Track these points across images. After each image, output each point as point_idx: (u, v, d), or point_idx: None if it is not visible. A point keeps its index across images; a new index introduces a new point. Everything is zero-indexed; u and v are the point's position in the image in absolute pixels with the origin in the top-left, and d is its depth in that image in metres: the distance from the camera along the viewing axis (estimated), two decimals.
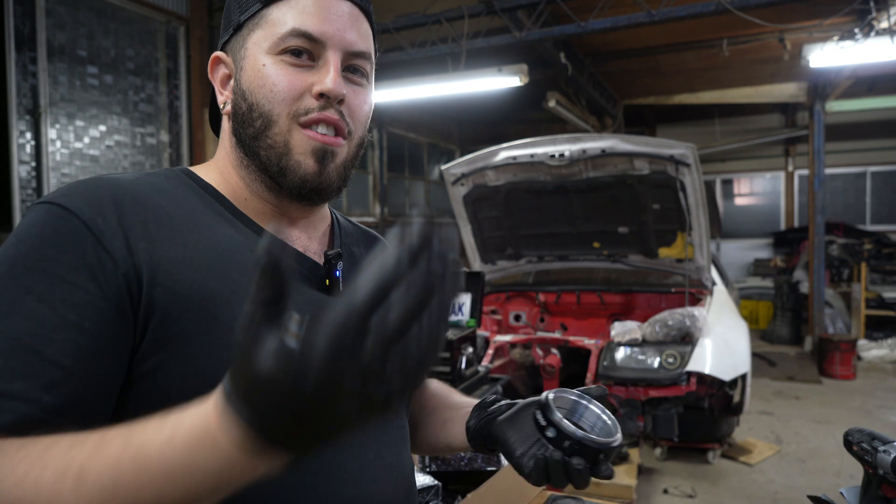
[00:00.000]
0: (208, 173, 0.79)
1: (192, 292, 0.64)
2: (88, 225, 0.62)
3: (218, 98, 0.79)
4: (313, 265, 0.78)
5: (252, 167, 0.75)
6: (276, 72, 0.72)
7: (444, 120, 10.53)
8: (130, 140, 4.69)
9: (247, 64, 0.74)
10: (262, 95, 0.72)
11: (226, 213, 0.74)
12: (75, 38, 4.26)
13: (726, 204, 10.67)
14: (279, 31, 0.71)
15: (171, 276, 0.64)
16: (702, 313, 3.67)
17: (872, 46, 4.42)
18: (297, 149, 0.72)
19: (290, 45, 0.71)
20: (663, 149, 3.72)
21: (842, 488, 1.04)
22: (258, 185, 0.76)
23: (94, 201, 0.64)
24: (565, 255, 4.69)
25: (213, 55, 0.78)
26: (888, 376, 6.25)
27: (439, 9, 5.00)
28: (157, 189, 0.71)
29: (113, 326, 0.60)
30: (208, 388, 0.58)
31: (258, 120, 0.72)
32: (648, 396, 3.42)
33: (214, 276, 0.66)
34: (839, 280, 8.07)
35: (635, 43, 6.27)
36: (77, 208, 0.63)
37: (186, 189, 0.74)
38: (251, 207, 0.77)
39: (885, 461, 0.93)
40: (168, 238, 0.66)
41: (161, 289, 0.62)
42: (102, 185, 0.67)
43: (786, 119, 9.83)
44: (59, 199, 0.64)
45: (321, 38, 0.72)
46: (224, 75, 0.78)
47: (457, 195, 4.47)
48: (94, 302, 0.59)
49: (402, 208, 9.62)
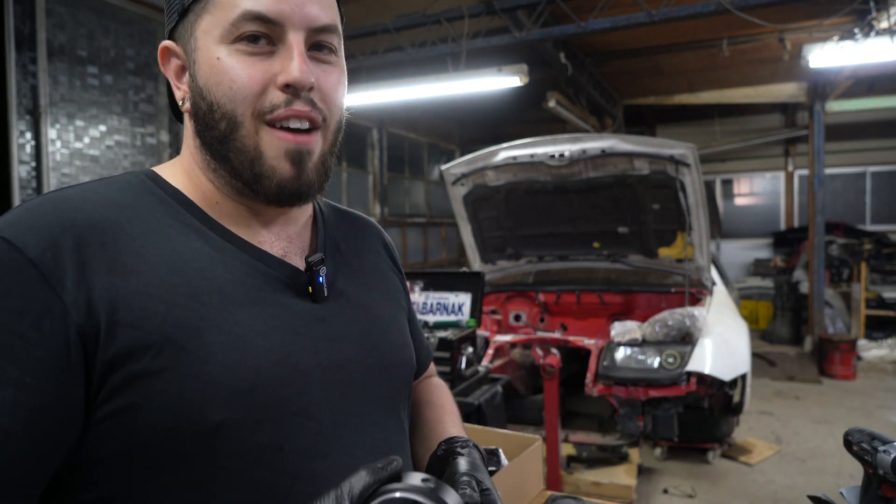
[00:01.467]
0: (175, 175, 0.72)
1: (155, 325, 0.58)
2: (35, 263, 0.55)
3: (175, 93, 0.71)
4: (294, 272, 0.71)
5: (221, 171, 0.68)
6: (233, 65, 0.64)
7: (444, 120, 10.53)
8: (130, 140, 4.69)
9: (199, 57, 0.66)
10: (221, 93, 0.65)
11: (196, 222, 0.68)
12: (75, 38, 4.26)
13: (726, 204, 10.67)
14: (230, 16, 0.64)
15: (133, 310, 0.58)
16: (702, 313, 3.67)
17: (872, 46, 4.42)
18: (268, 152, 0.66)
19: (245, 30, 0.64)
20: (663, 149, 3.72)
21: (842, 488, 1.04)
22: (229, 189, 0.70)
23: (44, 232, 0.57)
24: (565, 255, 4.69)
25: (161, 45, 0.71)
26: (888, 376, 6.25)
27: (439, 9, 5.00)
28: (116, 206, 0.64)
29: (60, 380, 0.54)
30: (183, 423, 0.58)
31: (222, 122, 0.65)
32: (648, 396, 3.42)
33: (181, 303, 0.61)
34: (839, 280, 8.07)
35: (635, 43, 6.27)
36: (24, 243, 0.56)
37: (149, 198, 0.67)
38: (224, 212, 0.70)
39: (885, 461, 0.93)
40: (128, 266, 0.60)
41: (122, 326, 0.57)
42: (53, 210, 0.60)
43: (786, 119, 9.83)
44: (5, 230, 0.57)
45: (278, 19, 0.64)
46: (177, 67, 0.70)
47: (457, 195, 4.47)
48: (37, 354, 0.54)
49: (402, 208, 9.62)
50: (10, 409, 0.52)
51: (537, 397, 3.98)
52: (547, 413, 3.16)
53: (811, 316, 7.26)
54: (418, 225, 9.82)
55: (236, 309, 0.64)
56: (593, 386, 3.52)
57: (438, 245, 10.43)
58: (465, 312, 3.25)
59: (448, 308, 3.29)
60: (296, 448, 0.64)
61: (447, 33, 5.16)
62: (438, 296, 3.30)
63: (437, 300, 3.28)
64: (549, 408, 3.16)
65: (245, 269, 0.68)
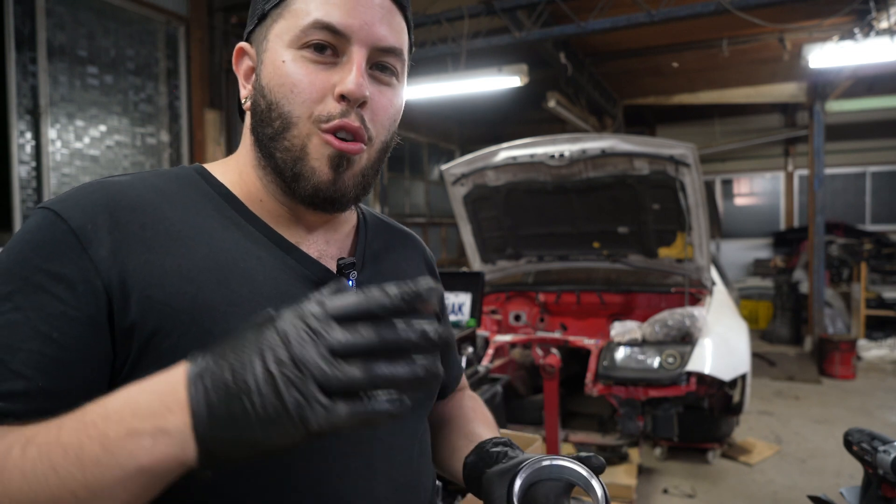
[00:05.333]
0: (225, 172, 0.75)
1: (185, 305, 0.61)
2: (77, 233, 0.61)
3: (241, 91, 0.75)
4: (325, 273, 0.73)
5: (268, 168, 0.71)
6: (296, 70, 0.67)
7: (444, 120, 10.53)
8: (130, 140, 4.69)
9: (267, 58, 0.69)
10: (281, 95, 0.68)
11: (236, 216, 0.71)
12: (75, 38, 4.26)
13: (726, 204, 10.67)
14: (301, 23, 0.67)
15: (164, 287, 0.61)
16: (701, 313, 3.67)
17: (872, 46, 4.42)
18: (313, 153, 0.68)
19: (313, 38, 0.67)
20: (663, 149, 3.72)
21: (842, 488, 1.04)
22: (274, 188, 0.72)
23: (89, 208, 0.63)
24: (565, 255, 4.69)
25: (237, 46, 0.74)
26: (888, 376, 6.25)
27: (439, 9, 5.00)
28: (161, 192, 0.68)
29: (85, 339, 0.58)
30: None
31: (277, 120, 0.68)
32: (648, 396, 3.42)
33: (211, 287, 0.63)
34: (839, 280, 8.07)
35: (635, 43, 6.27)
36: (69, 215, 0.61)
37: (194, 190, 0.71)
38: (266, 210, 0.73)
39: (885, 461, 0.93)
40: (164, 246, 0.64)
41: (152, 301, 0.61)
42: (101, 189, 0.65)
43: (786, 119, 9.83)
44: (55, 204, 0.63)
45: (346, 32, 0.66)
46: (248, 68, 0.73)
47: (457, 195, 4.47)
48: (68, 313, 0.58)
49: (403, 208, 9.63)
50: (34, 361, 0.56)
51: (537, 397, 3.99)
52: (547, 413, 3.17)
53: (811, 316, 7.26)
54: (418, 225, 9.82)
55: (265, 301, 0.66)
56: (593, 386, 3.52)
57: (438, 245, 10.43)
58: (465, 312, 3.25)
59: (448, 308, 3.29)
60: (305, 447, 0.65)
61: (447, 33, 5.16)
62: None
63: None
64: (549, 408, 3.16)
65: (278, 265, 0.70)
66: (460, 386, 1.04)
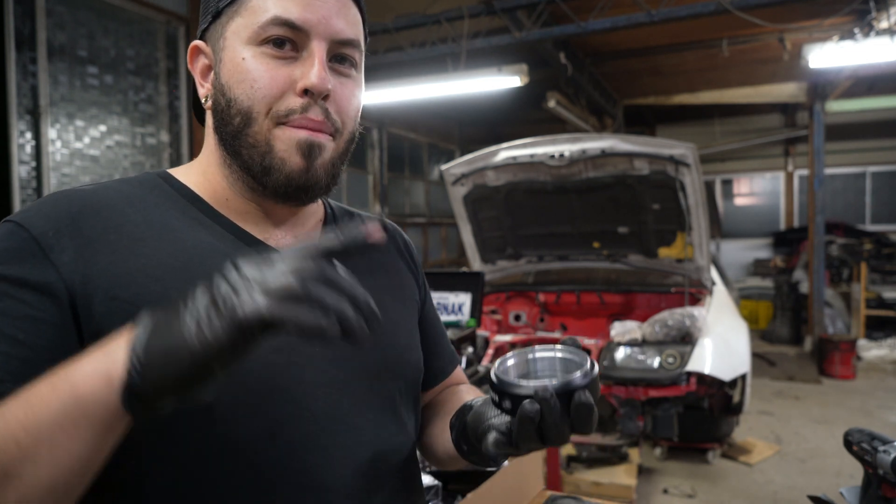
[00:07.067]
0: (189, 175, 0.76)
1: (152, 304, 0.61)
2: (38, 239, 0.62)
3: (199, 91, 0.75)
4: None
5: (234, 166, 0.72)
6: (256, 66, 0.67)
7: (444, 120, 10.52)
8: (130, 140, 4.69)
9: (226, 56, 0.70)
10: (241, 91, 0.68)
11: (201, 216, 0.72)
12: (75, 38, 4.26)
13: (726, 204, 10.67)
14: (259, 20, 0.67)
15: (130, 287, 0.62)
16: (701, 313, 3.67)
17: (872, 46, 4.42)
18: (279, 146, 0.68)
19: (272, 34, 0.67)
20: (663, 149, 3.72)
21: (842, 488, 1.04)
22: (241, 185, 0.73)
23: (52, 215, 0.64)
24: (565, 255, 4.69)
25: (191, 44, 0.74)
26: (888, 376, 6.25)
27: (439, 9, 5.00)
28: (125, 197, 0.69)
29: (52, 340, 0.59)
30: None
31: (237, 117, 0.69)
32: (648, 396, 3.42)
33: (178, 286, 0.63)
34: (839, 280, 8.07)
35: (635, 43, 6.27)
36: (30, 224, 0.63)
37: (158, 194, 0.72)
38: (233, 208, 0.74)
39: (885, 461, 0.94)
40: (129, 248, 0.64)
41: (119, 301, 0.61)
42: (64, 198, 0.66)
43: (785, 119, 9.83)
44: (17, 216, 0.64)
45: (305, 27, 0.67)
46: (204, 66, 0.74)
47: (457, 195, 4.47)
48: (33, 315, 0.59)
49: (403, 208, 9.62)
50: (1, 362, 0.57)
51: None
52: None
53: (811, 316, 7.26)
54: (418, 225, 9.82)
55: None
56: None
57: (438, 245, 10.43)
58: (465, 312, 3.25)
59: (448, 308, 3.29)
60: (288, 438, 0.66)
61: (447, 33, 5.16)
62: (438, 296, 3.31)
63: (438, 300, 3.28)
64: None
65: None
66: (459, 380, 1.03)
